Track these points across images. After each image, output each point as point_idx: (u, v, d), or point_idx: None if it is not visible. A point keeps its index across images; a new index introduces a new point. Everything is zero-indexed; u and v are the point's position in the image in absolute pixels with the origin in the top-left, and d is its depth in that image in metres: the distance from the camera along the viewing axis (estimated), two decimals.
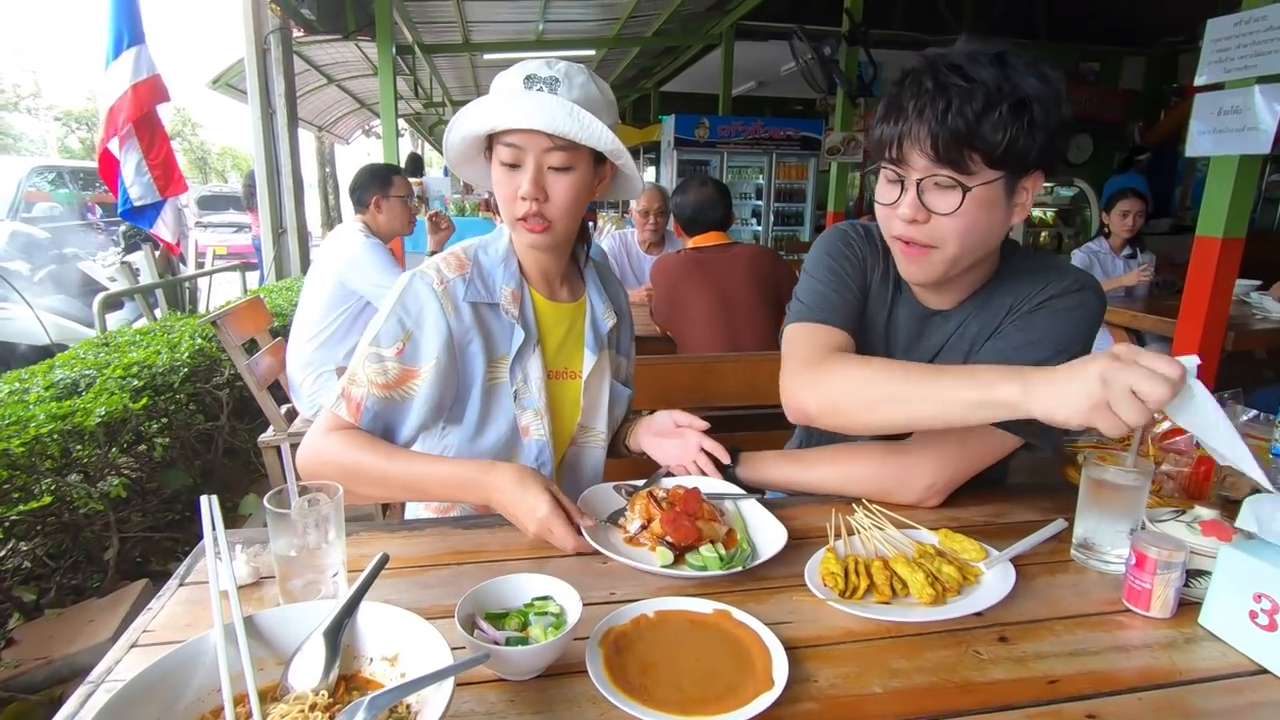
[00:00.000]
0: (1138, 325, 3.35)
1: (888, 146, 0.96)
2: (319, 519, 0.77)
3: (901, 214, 0.97)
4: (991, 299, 1.09)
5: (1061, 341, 1.02)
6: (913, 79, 0.94)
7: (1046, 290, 1.05)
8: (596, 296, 1.25)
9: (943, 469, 1.06)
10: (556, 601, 0.76)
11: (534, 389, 1.15)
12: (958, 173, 0.92)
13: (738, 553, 0.90)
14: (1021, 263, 1.10)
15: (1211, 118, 2.83)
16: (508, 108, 1.02)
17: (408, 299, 1.07)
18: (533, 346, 1.15)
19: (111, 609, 2.08)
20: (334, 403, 1.06)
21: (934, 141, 0.91)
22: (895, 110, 0.95)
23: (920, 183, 0.95)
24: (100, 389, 2.46)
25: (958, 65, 0.91)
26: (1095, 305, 1.05)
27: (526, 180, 1.04)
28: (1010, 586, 0.86)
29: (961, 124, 0.89)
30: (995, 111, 0.89)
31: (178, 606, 0.82)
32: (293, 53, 5.61)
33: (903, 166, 0.96)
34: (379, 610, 0.67)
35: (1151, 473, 0.94)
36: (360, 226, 2.77)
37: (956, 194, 0.93)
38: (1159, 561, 0.81)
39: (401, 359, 1.06)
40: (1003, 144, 0.90)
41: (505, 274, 1.14)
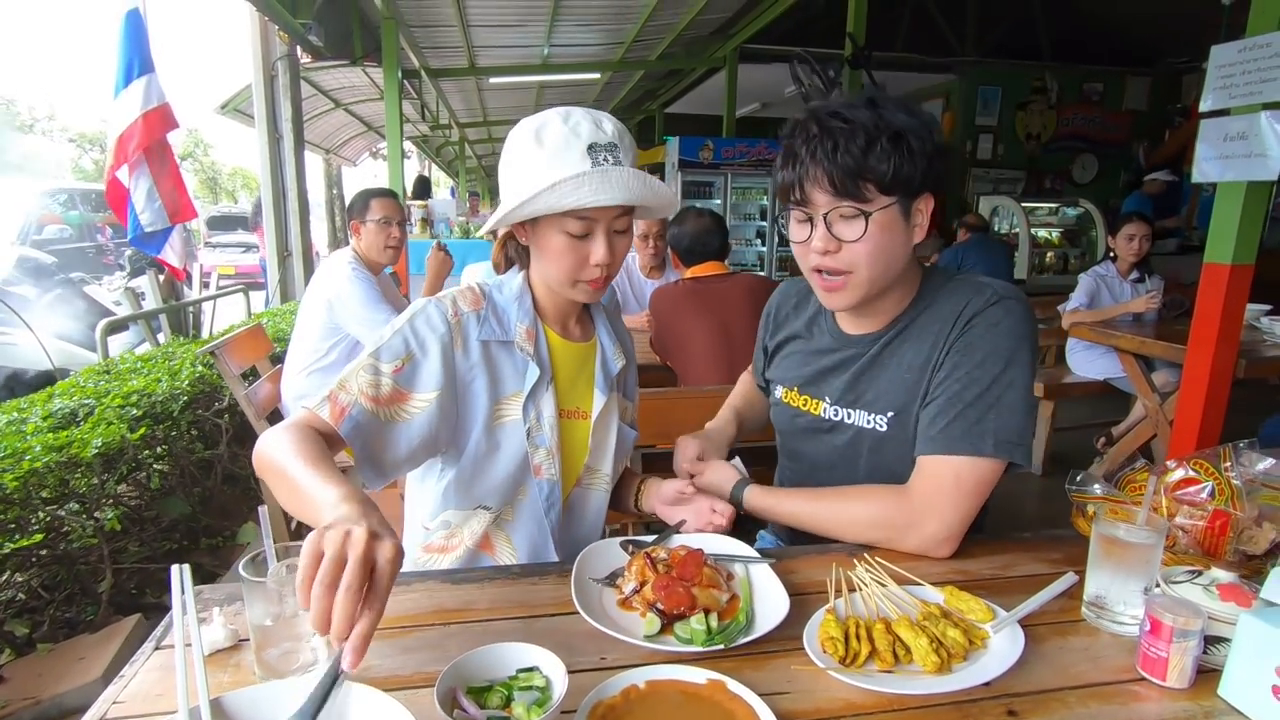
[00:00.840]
0: (1147, 351, 3.30)
1: (792, 190, 1.06)
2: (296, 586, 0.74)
3: (815, 247, 1.06)
4: (917, 321, 1.14)
5: (1006, 352, 1.06)
6: (800, 128, 1.05)
7: (968, 309, 1.09)
8: (607, 337, 1.25)
9: (945, 513, 1.04)
10: (542, 673, 0.73)
11: (546, 428, 1.14)
12: (857, 202, 1.02)
13: (730, 626, 0.86)
14: (942, 284, 1.15)
15: (1217, 143, 2.80)
16: (592, 186, 1.00)
17: (418, 323, 1.07)
18: (546, 384, 1.14)
19: (102, 646, 2.04)
20: (316, 403, 0.99)
21: (830, 178, 1.01)
22: (791, 157, 1.05)
23: (826, 216, 1.04)
24: (99, 419, 2.45)
25: (836, 112, 1.03)
26: (1019, 310, 1.09)
27: (602, 248, 1.06)
28: (1019, 652, 0.82)
29: (850, 160, 1.00)
30: (877, 145, 1.00)
31: (150, 674, 0.79)
32: (300, 78, 5.66)
33: (808, 206, 1.06)
34: (354, 691, 0.64)
35: (1165, 530, 0.90)
36: (350, 257, 2.65)
37: (860, 221, 1.03)
38: (1175, 629, 0.77)
39: (398, 378, 1.04)
40: (889, 172, 1.00)
41: (520, 311, 1.14)
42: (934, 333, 1.11)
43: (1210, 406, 2.88)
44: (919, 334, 1.12)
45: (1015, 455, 1.05)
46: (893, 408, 1.13)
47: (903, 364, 1.13)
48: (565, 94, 11.03)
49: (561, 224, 1.05)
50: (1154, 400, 3.41)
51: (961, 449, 1.04)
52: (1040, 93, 8.95)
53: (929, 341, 1.11)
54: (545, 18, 6.67)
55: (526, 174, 1.03)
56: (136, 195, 3.79)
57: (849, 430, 1.18)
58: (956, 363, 1.07)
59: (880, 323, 1.17)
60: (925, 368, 1.10)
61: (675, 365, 2.52)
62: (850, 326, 1.21)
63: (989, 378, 1.05)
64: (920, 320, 1.13)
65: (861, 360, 1.17)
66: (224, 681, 0.77)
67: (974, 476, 1.05)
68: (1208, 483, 1.03)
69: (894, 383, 1.13)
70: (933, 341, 1.10)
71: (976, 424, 1.04)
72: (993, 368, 1.05)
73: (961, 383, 1.06)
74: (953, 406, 1.06)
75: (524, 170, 1.04)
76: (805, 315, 1.30)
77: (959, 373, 1.07)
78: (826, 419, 1.21)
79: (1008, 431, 1.04)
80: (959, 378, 1.06)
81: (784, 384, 1.30)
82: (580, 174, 1.00)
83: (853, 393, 1.18)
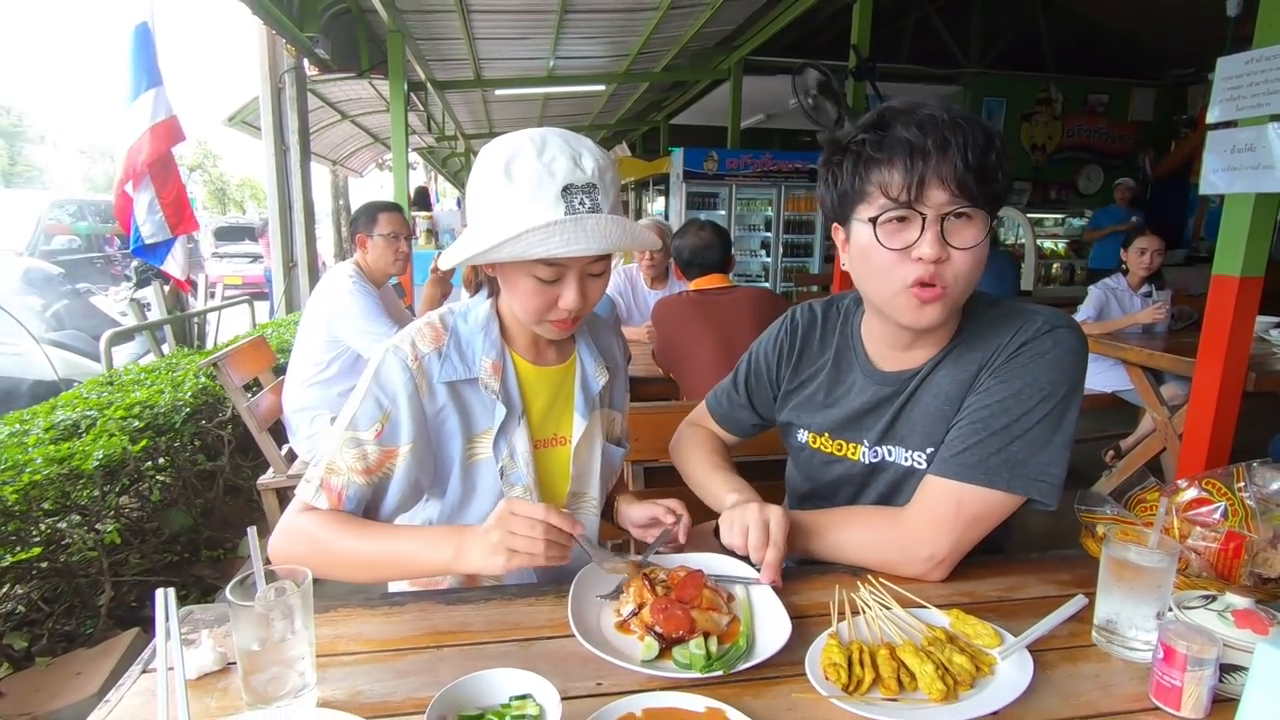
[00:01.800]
0: (1155, 364, 3.27)
1: (902, 189, 0.93)
2: (285, 609, 0.72)
3: (925, 254, 0.94)
4: (961, 358, 1.06)
5: (1048, 384, 0.99)
6: (909, 119, 0.94)
7: (1018, 338, 1.02)
8: (587, 354, 1.19)
9: (940, 539, 1.00)
10: (535, 701, 0.71)
11: (521, 463, 1.10)
12: (976, 205, 0.94)
13: (730, 650, 0.84)
14: (986, 313, 1.07)
15: (1225, 155, 2.78)
16: (564, 237, 0.93)
17: (383, 378, 1.03)
18: (517, 419, 1.10)
19: (100, 660, 2.03)
20: (312, 494, 1.00)
21: (957, 175, 0.91)
22: (903, 150, 0.93)
23: (944, 219, 0.94)
24: (100, 430, 2.44)
25: (937, 114, 0.94)
26: (1070, 341, 1.01)
27: (572, 294, 1.00)
28: (1028, 680, 0.79)
29: (974, 158, 0.91)
30: (993, 149, 0.93)
31: (136, 698, 0.77)
32: (307, 90, 5.71)
33: (923, 205, 0.94)
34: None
35: (1177, 553, 0.88)
36: (352, 270, 2.64)
37: (977, 224, 0.94)
38: (1189, 657, 0.75)
39: (381, 441, 1.01)
40: (1003, 178, 0.93)
41: (486, 343, 1.08)
42: (976, 361, 1.04)
43: (1220, 420, 2.84)
44: (957, 364, 1.06)
45: (1033, 491, 0.99)
46: (932, 443, 1.06)
47: (940, 395, 1.06)
48: (570, 105, 11.08)
49: (530, 269, 0.98)
50: (1163, 413, 3.37)
51: (973, 478, 0.99)
52: (1045, 104, 8.95)
53: (970, 371, 1.04)
54: (551, 30, 6.71)
55: (495, 212, 0.96)
56: (139, 206, 3.81)
57: (889, 470, 1.11)
58: (991, 388, 1.01)
59: (919, 359, 1.09)
60: (962, 396, 1.04)
61: (678, 377, 2.50)
62: (889, 363, 1.11)
63: (1021, 409, 0.98)
64: (958, 350, 1.06)
65: (900, 397, 1.09)
66: (210, 707, 0.75)
67: (978, 507, 1.00)
68: (1220, 503, 1.01)
69: (931, 415, 1.06)
70: (975, 371, 1.04)
71: (995, 454, 0.99)
72: (1028, 399, 0.99)
73: (991, 410, 1.00)
74: (975, 433, 1.00)
75: (492, 207, 0.96)
76: (831, 351, 1.19)
77: (991, 399, 1.01)
78: (866, 463, 1.13)
79: (1030, 466, 0.98)
80: (989, 404, 1.00)
81: (811, 429, 1.20)
82: (551, 224, 0.92)
83: (892, 431, 1.11)
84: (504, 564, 0.88)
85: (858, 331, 1.17)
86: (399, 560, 0.95)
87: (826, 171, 1.03)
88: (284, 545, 0.98)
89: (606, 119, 12.52)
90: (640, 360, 2.80)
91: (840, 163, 1.00)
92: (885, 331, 1.09)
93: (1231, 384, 2.83)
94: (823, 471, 1.19)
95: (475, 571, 0.91)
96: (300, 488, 1.01)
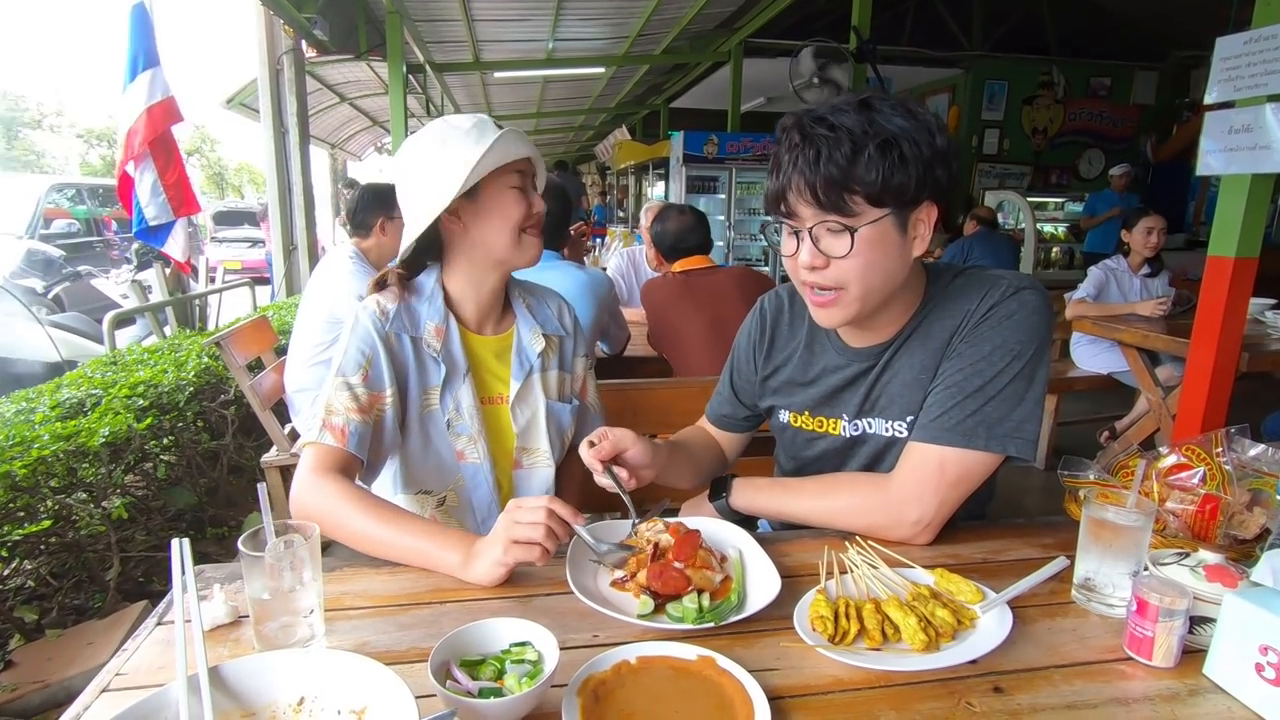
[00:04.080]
0: (1150, 345, 3.29)
1: (778, 201, 1.01)
2: (294, 561, 0.75)
3: (802, 262, 1.01)
4: (931, 328, 1.09)
5: (1016, 345, 1.02)
6: (785, 136, 1.00)
7: (985, 301, 1.05)
8: (524, 324, 1.33)
9: (926, 502, 1.03)
10: (534, 648, 0.74)
11: (466, 416, 1.24)
12: (843, 216, 0.96)
13: (722, 605, 0.88)
14: (953, 282, 1.10)
15: (1222, 136, 2.79)
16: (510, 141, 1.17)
17: (360, 329, 1.19)
18: (461, 377, 1.24)
19: (110, 631, 2.07)
20: (317, 433, 1.09)
21: (813, 190, 0.95)
22: (776, 167, 1.00)
23: (812, 231, 0.99)
24: (106, 409, 2.47)
25: (822, 117, 0.96)
26: (1034, 301, 1.05)
27: (537, 197, 1.23)
28: (1007, 631, 0.83)
29: (834, 170, 0.94)
30: (863, 153, 0.93)
31: (153, 648, 0.80)
32: (305, 73, 5.69)
33: (794, 219, 1.00)
34: (347, 660, 0.65)
35: (1153, 513, 0.91)
36: (352, 253, 2.64)
37: (846, 237, 0.97)
38: (1161, 609, 0.78)
39: (368, 384, 1.15)
40: (878, 182, 0.93)
41: (430, 309, 1.23)
42: (948, 329, 1.07)
43: (1213, 400, 2.87)
44: (928, 333, 1.09)
45: (1010, 447, 1.02)
46: (911, 412, 1.09)
47: (915, 365, 1.09)
48: (569, 89, 11.03)
49: (505, 180, 1.19)
50: (1157, 394, 3.41)
51: (952, 440, 1.02)
52: (1047, 87, 8.91)
53: (942, 339, 1.07)
54: (550, 12, 6.67)
55: (444, 164, 1.14)
56: (141, 188, 3.81)
57: (871, 441, 1.15)
58: (963, 353, 1.05)
59: (886, 334, 1.12)
60: (937, 364, 1.07)
61: (669, 357, 2.53)
62: (855, 340, 1.15)
63: (993, 370, 1.02)
64: (928, 322, 1.09)
65: (874, 371, 1.13)
66: (223, 655, 0.78)
67: (960, 467, 1.03)
68: (1199, 468, 1.04)
69: (908, 385, 1.10)
70: (946, 338, 1.07)
71: (971, 415, 1.02)
72: (999, 361, 1.02)
73: (964, 373, 1.03)
74: (951, 397, 1.04)
75: (439, 163, 1.15)
76: (802, 333, 1.23)
77: (963, 363, 1.04)
78: (847, 436, 1.17)
79: (1005, 424, 1.01)
80: (962, 368, 1.04)
81: (792, 409, 1.24)
82: (503, 133, 1.16)
83: (868, 403, 1.14)
84: (502, 556, 0.93)
85: None
86: (406, 553, 1.00)
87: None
88: (308, 499, 1.04)
89: (606, 102, 12.46)
90: (639, 340, 2.82)
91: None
92: None
93: (1225, 364, 2.85)
94: (806, 448, 1.23)
95: (476, 581, 0.95)
96: (305, 435, 1.11)
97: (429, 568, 0.98)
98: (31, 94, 26.94)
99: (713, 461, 1.35)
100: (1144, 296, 3.70)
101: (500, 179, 1.18)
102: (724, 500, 1.18)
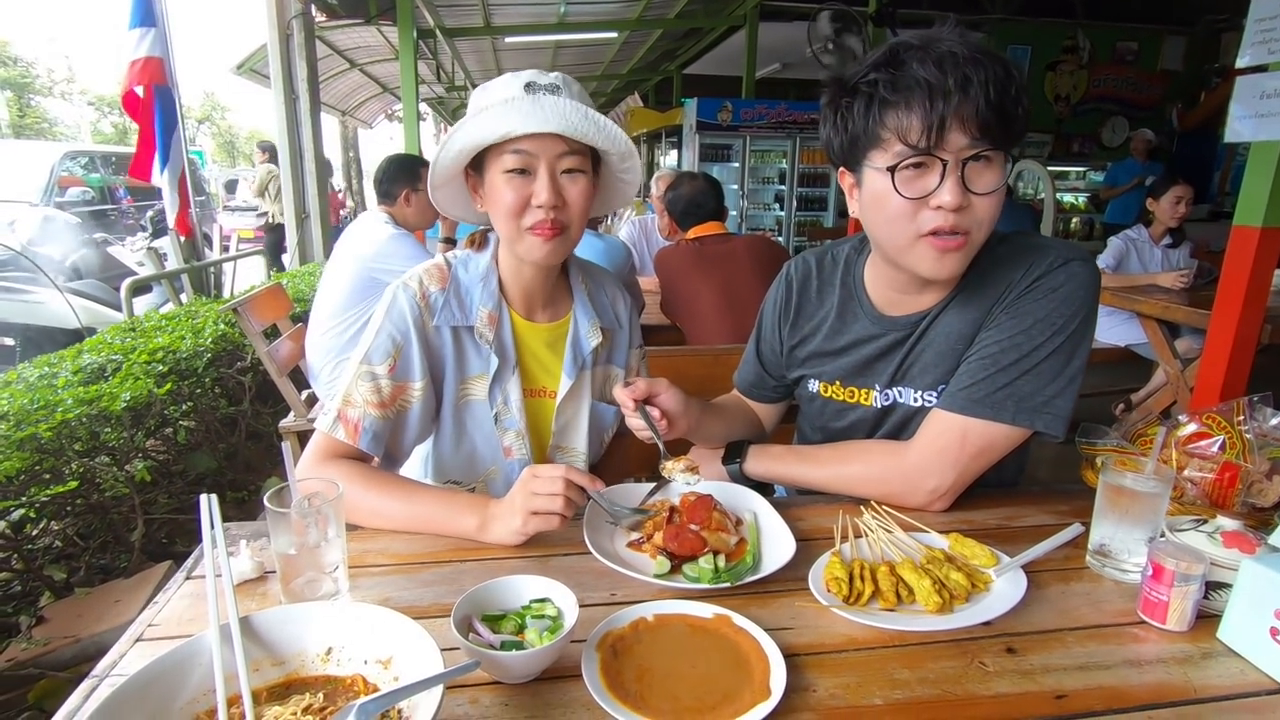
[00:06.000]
0: (1170, 316, 3.25)
1: (921, 134, 0.88)
2: (318, 517, 0.77)
3: (947, 201, 0.90)
4: (971, 296, 1.04)
5: (1060, 318, 0.98)
6: (924, 56, 0.88)
7: (1032, 271, 1.00)
8: (583, 314, 1.21)
9: (945, 472, 1.02)
10: (554, 604, 0.76)
11: (514, 409, 1.15)
12: (996, 148, 0.90)
13: (738, 565, 0.89)
14: (996, 249, 1.03)
15: (1253, 101, 2.71)
16: (521, 112, 0.98)
17: (394, 314, 1.08)
18: (511, 369, 1.15)
19: (136, 590, 2.13)
20: (329, 425, 1.05)
21: (979, 116, 0.87)
22: (921, 91, 0.87)
23: (965, 164, 0.90)
24: (126, 374, 2.51)
25: (959, 41, 0.89)
26: (1084, 274, 1.00)
27: (544, 187, 1.01)
28: (1021, 594, 0.83)
29: (997, 95, 0.86)
30: (1013, 84, 0.88)
31: (183, 600, 0.83)
32: (315, 38, 5.62)
33: (942, 149, 0.89)
34: (374, 613, 0.67)
35: (1171, 480, 0.91)
36: (386, 217, 2.67)
37: (996, 168, 0.91)
38: (1176, 573, 0.78)
39: (394, 375, 1.07)
40: (1021, 117, 0.89)
41: (484, 293, 1.13)
42: (990, 298, 1.02)
43: (1232, 373, 2.84)
44: (968, 303, 1.04)
45: (1038, 422, 0.99)
46: (942, 381, 1.06)
47: (952, 335, 1.05)
48: (581, 54, 10.85)
49: (501, 162, 1.02)
50: (1175, 366, 3.37)
51: (978, 411, 0.99)
52: (1071, 52, 8.66)
53: (983, 308, 1.03)
54: None
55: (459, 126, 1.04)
56: None
57: (899, 411, 1.12)
58: (1003, 324, 1.00)
59: (932, 300, 1.07)
60: (974, 333, 1.03)
61: (683, 325, 2.53)
62: (897, 308, 1.10)
63: (1032, 344, 0.98)
64: (968, 290, 1.04)
65: (909, 340, 1.09)
66: (251, 609, 0.80)
67: (983, 439, 1.01)
68: (1219, 436, 1.03)
69: (942, 355, 1.06)
70: (987, 308, 1.02)
71: (1003, 389, 0.99)
72: (1039, 334, 0.98)
73: (1001, 345, 0.99)
74: (984, 368, 1.00)
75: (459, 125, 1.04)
76: (832, 301, 1.17)
77: (1002, 334, 1.00)
78: (878, 407, 1.14)
79: (1036, 398, 0.98)
80: (999, 340, 1.00)
81: (822, 378, 1.20)
82: (509, 99, 0.99)
83: (900, 372, 1.11)
84: (521, 526, 0.92)
85: (861, 280, 1.16)
86: (423, 523, 0.99)
87: (833, 113, 0.98)
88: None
89: (618, 68, 12.26)
90: (652, 309, 2.82)
91: (850, 104, 0.95)
92: (895, 278, 1.07)
93: (1246, 337, 2.81)
94: (836, 419, 1.20)
95: (495, 542, 0.95)
96: (319, 419, 1.07)
97: (445, 534, 0.98)
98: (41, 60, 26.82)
99: (748, 427, 1.33)
100: (1165, 268, 3.64)
101: (498, 158, 1.03)
102: (738, 465, 1.18)
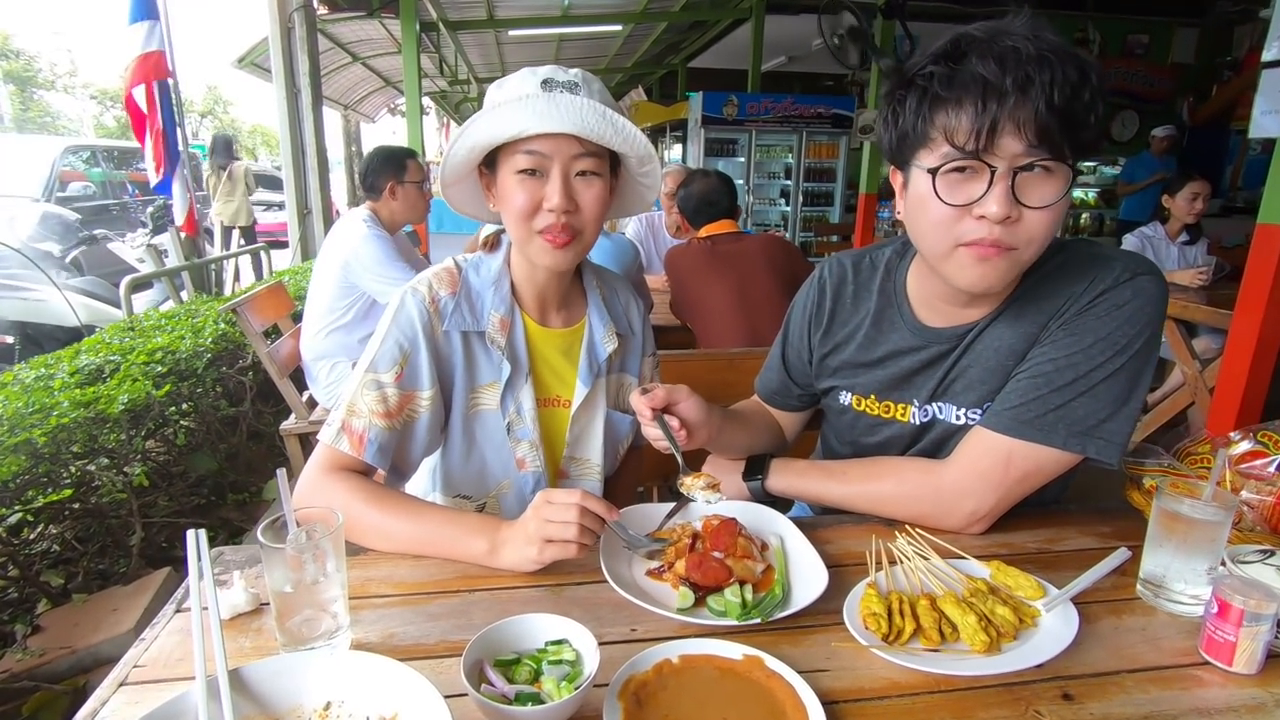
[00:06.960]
0: (1190, 316, 3.18)
1: (969, 136, 0.80)
2: (316, 552, 0.71)
3: (991, 213, 0.82)
4: (1025, 309, 0.97)
5: (1124, 338, 0.90)
6: (987, 50, 0.80)
7: (1095, 285, 0.92)
8: (598, 319, 1.15)
9: (985, 495, 0.96)
10: (572, 646, 0.70)
11: (528, 420, 1.09)
12: (1056, 159, 0.81)
13: (766, 599, 0.83)
14: (1052, 259, 0.95)
15: (1278, 97, 2.64)
16: (535, 111, 0.93)
17: (402, 320, 1.02)
18: (524, 377, 1.09)
19: (135, 597, 2.08)
20: (333, 436, 0.99)
21: (1038, 121, 0.78)
22: (975, 89, 0.79)
23: (1016, 172, 0.82)
24: (124, 375, 2.46)
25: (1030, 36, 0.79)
26: (1153, 290, 0.92)
27: (556, 190, 0.96)
28: (1074, 632, 0.77)
29: (1063, 99, 0.78)
30: (1087, 88, 0.78)
31: (171, 638, 0.77)
32: (317, 31, 5.55)
33: (992, 155, 0.81)
34: (375, 663, 0.61)
35: (1234, 506, 0.84)
36: (366, 216, 2.58)
37: (1058, 179, 0.82)
38: (1246, 612, 0.72)
39: (400, 384, 1.01)
40: (1093, 126, 0.80)
41: (495, 298, 1.07)
42: (1045, 312, 0.95)
43: (1255, 374, 2.77)
44: (1020, 316, 0.97)
45: (1090, 448, 0.91)
46: (988, 399, 0.99)
47: (1001, 350, 0.97)
48: (585, 47, 10.75)
49: (513, 162, 0.97)
50: (1193, 367, 3.30)
51: (1026, 434, 0.92)
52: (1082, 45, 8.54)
53: (1038, 322, 0.95)
54: None
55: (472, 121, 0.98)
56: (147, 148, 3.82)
57: (938, 428, 1.05)
58: (1060, 341, 0.93)
59: (974, 315, 0.99)
60: (1026, 348, 0.96)
61: (694, 326, 2.47)
62: (941, 319, 1.02)
63: (1090, 364, 0.91)
64: (1020, 303, 0.97)
65: (953, 354, 1.01)
66: (245, 647, 0.75)
67: (1030, 463, 0.94)
68: (1276, 456, 0.97)
69: (990, 371, 0.98)
70: (1043, 323, 0.95)
71: (1055, 410, 0.91)
72: (1099, 354, 0.90)
73: (1057, 364, 0.92)
74: (1036, 387, 0.93)
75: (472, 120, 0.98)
76: (868, 308, 1.10)
77: (1058, 352, 0.92)
78: (916, 423, 1.07)
79: (1089, 422, 0.91)
80: (1055, 358, 0.92)
81: (856, 391, 1.12)
82: (523, 96, 0.93)
83: (941, 387, 1.03)
84: (537, 555, 0.86)
85: (903, 287, 1.08)
86: (429, 544, 0.93)
87: (887, 107, 0.91)
88: (315, 500, 0.96)
89: (623, 61, 12.16)
90: (661, 309, 2.76)
91: (904, 99, 0.87)
92: (939, 288, 0.99)
93: (1270, 337, 2.75)
94: (869, 434, 1.13)
95: (508, 568, 0.89)
96: (322, 430, 1.01)
97: (452, 557, 0.92)
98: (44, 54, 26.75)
99: (770, 437, 1.26)
100: (1181, 265, 3.57)
101: (510, 157, 0.97)
102: (759, 482, 1.12)
